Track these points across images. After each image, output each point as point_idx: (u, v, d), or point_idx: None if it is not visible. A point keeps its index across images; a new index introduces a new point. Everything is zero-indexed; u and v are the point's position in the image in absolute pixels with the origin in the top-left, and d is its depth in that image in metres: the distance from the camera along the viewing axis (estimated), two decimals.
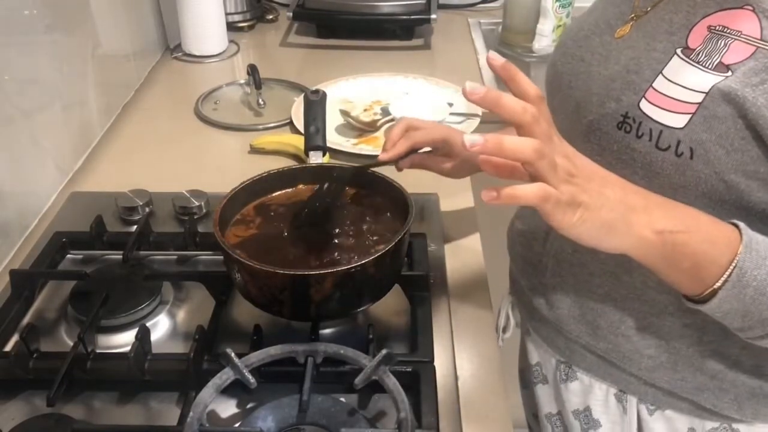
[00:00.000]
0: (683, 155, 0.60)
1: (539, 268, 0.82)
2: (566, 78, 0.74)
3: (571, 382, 0.84)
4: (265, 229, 0.79)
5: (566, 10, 1.49)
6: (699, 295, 0.59)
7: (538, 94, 0.53)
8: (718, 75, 0.59)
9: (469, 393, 0.72)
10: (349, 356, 0.69)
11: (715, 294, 0.58)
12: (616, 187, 0.56)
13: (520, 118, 0.51)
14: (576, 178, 0.53)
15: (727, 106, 0.58)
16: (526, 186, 0.51)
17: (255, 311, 0.75)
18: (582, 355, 0.81)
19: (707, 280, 0.58)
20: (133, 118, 1.27)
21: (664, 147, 0.61)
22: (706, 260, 0.57)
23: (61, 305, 0.82)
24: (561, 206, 0.52)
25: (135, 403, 0.70)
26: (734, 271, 0.56)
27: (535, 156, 0.50)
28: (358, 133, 1.20)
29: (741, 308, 0.58)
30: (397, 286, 0.79)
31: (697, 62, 0.60)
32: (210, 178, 1.08)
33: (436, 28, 1.64)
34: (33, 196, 1.00)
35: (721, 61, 0.59)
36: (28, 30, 0.98)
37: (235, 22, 1.65)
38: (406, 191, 0.79)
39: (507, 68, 0.53)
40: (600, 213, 0.54)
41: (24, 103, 0.96)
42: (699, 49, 0.61)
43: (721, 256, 0.57)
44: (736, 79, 0.58)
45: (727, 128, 0.58)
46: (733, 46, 0.59)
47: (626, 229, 0.56)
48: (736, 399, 0.72)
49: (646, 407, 0.78)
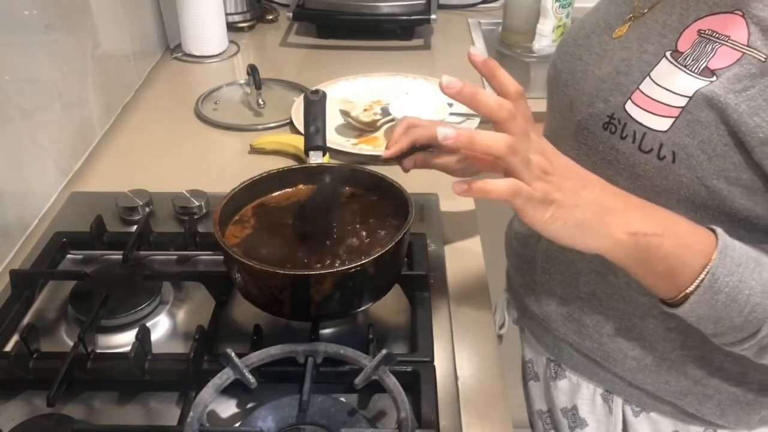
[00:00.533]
0: (665, 159, 0.60)
1: (532, 265, 0.82)
2: (564, 76, 0.74)
3: (560, 380, 0.84)
4: (265, 229, 0.79)
5: (566, 10, 1.49)
6: (673, 298, 0.59)
7: (517, 90, 0.53)
8: (702, 80, 0.58)
9: (469, 393, 0.72)
10: (349, 356, 0.69)
11: (688, 298, 0.58)
12: (594, 187, 0.56)
13: (496, 114, 0.51)
14: (551, 176, 0.53)
15: (710, 111, 0.58)
16: (497, 180, 0.51)
17: (255, 311, 0.75)
18: (569, 353, 0.81)
19: (681, 284, 0.58)
20: (133, 118, 1.27)
21: (646, 150, 0.61)
22: (680, 264, 0.57)
23: (61, 305, 0.82)
24: (532, 203, 0.52)
25: (135, 403, 0.70)
26: (707, 276, 0.56)
27: (507, 151, 0.51)
28: (358, 133, 1.20)
29: (713, 314, 0.58)
30: (397, 286, 0.79)
31: (684, 66, 0.60)
32: (210, 178, 1.08)
33: (436, 29, 1.64)
34: (33, 196, 1.00)
35: (707, 65, 0.59)
36: (28, 30, 0.98)
37: (235, 22, 1.65)
38: (406, 191, 0.79)
39: (487, 64, 0.53)
40: (574, 212, 0.54)
41: (24, 103, 0.96)
42: (687, 52, 0.60)
43: (695, 261, 0.57)
44: (720, 84, 0.57)
45: (710, 134, 0.58)
46: (720, 51, 0.58)
47: (600, 230, 0.56)
48: (719, 405, 0.72)
49: (631, 408, 0.78)
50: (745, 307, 0.57)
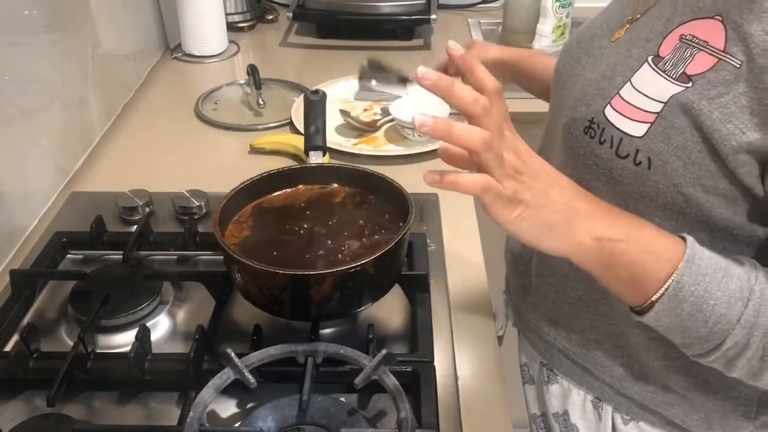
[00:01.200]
0: (641, 164, 0.60)
1: (528, 267, 0.82)
2: (563, 79, 0.74)
3: (552, 384, 0.84)
4: (265, 228, 0.79)
5: (566, 10, 1.49)
6: (640, 306, 0.58)
7: (495, 87, 0.52)
8: (678, 85, 0.58)
9: (469, 393, 0.72)
10: (349, 356, 0.69)
11: (653, 306, 0.56)
12: (564, 189, 0.56)
13: (470, 109, 0.51)
14: (522, 176, 0.53)
15: (684, 117, 0.57)
16: (469, 175, 0.51)
17: (255, 311, 0.75)
18: (560, 359, 0.81)
19: (646, 292, 0.57)
20: (133, 118, 1.27)
21: (623, 155, 0.61)
22: (644, 272, 0.56)
23: (61, 305, 0.82)
24: (501, 200, 0.52)
25: (135, 403, 0.70)
26: (671, 284, 0.55)
27: (482, 147, 0.50)
28: (358, 133, 1.20)
29: (679, 323, 0.57)
30: (397, 286, 0.79)
31: (663, 71, 0.59)
32: (210, 178, 1.08)
33: (436, 28, 1.64)
34: (33, 196, 1.00)
35: (684, 71, 0.58)
36: (28, 30, 0.98)
37: (235, 22, 1.65)
38: (406, 191, 0.79)
39: (465, 59, 0.53)
40: (541, 213, 0.54)
41: (24, 103, 0.96)
42: (668, 58, 0.60)
43: (660, 270, 0.56)
44: (694, 90, 0.57)
45: (685, 140, 0.57)
46: (697, 57, 0.57)
47: (566, 232, 0.55)
48: (705, 417, 0.72)
49: (621, 416, 0.77)
50: (710, 317, 0.55)
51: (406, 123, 1.15)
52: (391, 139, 1.19)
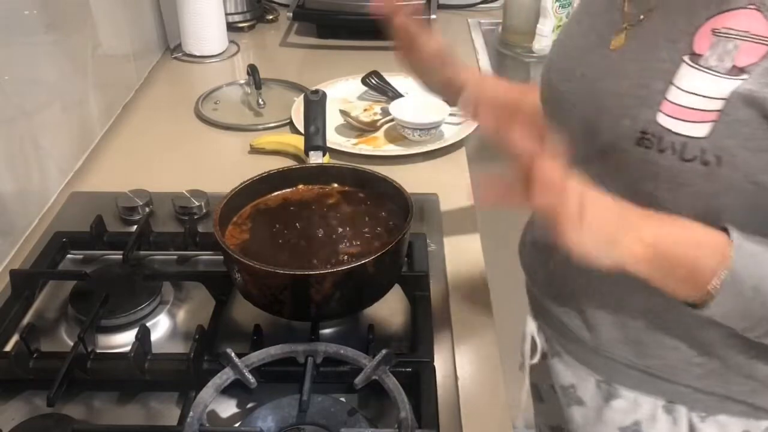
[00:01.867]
0: (710, 164, 0.59)
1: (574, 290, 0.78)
2: (568, 97, 0.71)
3: (613, 400, 0.80)
4: (265, 228, 0.79)
5: (566, 10, 1.49)
6: (698, 300, 0.60)
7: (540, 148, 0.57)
8: (734, 79, 0.58)
9: (469, 393, 0.72)
10: (349, 356, 0.69)
11: (713, 298, 0.59)
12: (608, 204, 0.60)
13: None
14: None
15: (748, 109, 0.57)
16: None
17: (255, 311, 0.75)
18: (626, 374, 0.77)
19: (704, 285, 0.59)
20: (133, 118, 1.27)
21: (689, 158, 0.60)
22: (700, 266, 0.59)
23: (61, 305, 0.82)
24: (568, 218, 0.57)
25: (135, 403, 0.70)
26: (728, 273, 0.57)
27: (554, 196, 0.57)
28: (358, 133, 1.20)
29: (739, 308, 0.59)
30: (397, 286, 0.79)
31: (708, 68, 0.59)
32: (210, 178, 1.08)
33: (436, 29, 1.64)
34: (33, 196, 1.00)
35: (734, 64, 0.58)
36: (28, 30, 0.98)
37: (235, 22, 1.65)
38: (406, 191, 0.79)
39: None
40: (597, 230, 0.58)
41: (24, 103, 0.96)
42: (708, 54, 0.59)
43: (713, 261, 0.58)
44: (753, 80, 0.57)
45: (752, 131, 0.57)
46: (743, 48, 0.58)
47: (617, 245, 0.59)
48: None
49: (697, 414, 0.75)
50: None
51: (406, 123, 1.15)
52: (391, 139, 1.19)
